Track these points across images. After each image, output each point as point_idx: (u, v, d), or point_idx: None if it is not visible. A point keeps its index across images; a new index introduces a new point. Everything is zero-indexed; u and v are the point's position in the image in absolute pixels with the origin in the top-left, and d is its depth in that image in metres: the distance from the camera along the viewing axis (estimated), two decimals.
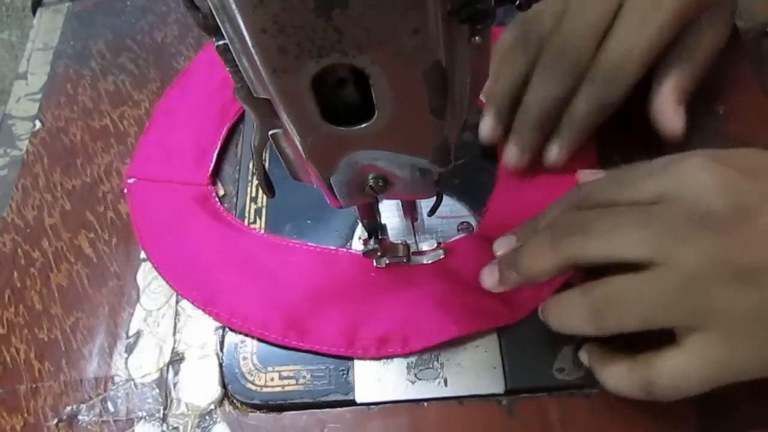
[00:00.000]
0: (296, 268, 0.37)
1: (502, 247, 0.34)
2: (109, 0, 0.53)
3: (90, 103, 0.47)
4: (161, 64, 0.48)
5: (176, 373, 0.35)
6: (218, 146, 0.43)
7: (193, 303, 0.37)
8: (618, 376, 0.29)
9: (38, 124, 0.47)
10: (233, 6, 0.17)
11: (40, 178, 0.44)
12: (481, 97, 0.38)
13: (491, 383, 0.33)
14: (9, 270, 0.40)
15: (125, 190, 0.42)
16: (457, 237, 0.38)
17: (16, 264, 0.41)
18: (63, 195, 0.43)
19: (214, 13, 0.19)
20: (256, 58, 0.18)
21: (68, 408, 0.35)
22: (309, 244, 0.38)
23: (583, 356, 0.32)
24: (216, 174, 0.42)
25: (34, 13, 0.54)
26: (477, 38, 0.21)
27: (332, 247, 0.38)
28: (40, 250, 0.41)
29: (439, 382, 0.33)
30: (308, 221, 0.39)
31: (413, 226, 0.36)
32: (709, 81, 0.42)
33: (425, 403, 0.33)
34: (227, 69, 0.22)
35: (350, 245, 0.38)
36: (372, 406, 0.33)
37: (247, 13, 0.17)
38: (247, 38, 0.18)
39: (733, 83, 0.42)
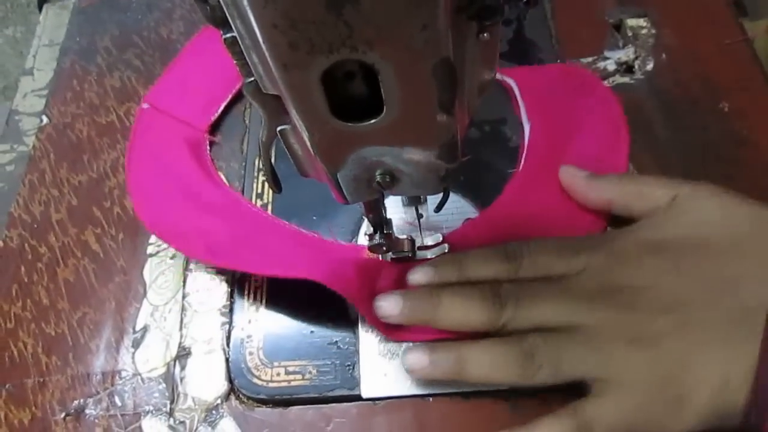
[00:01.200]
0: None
1: (419, 278, 0.33)
2: None
3: (96, 99, 0.48)
4: (167, 60, 0.48)
5: (183, 368, 0.36)
6: (228, 100, 0.45)
7: (157, 236, 0.39)
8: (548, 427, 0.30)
9: (45, 119, 0.47)
10: (244, 1, 0.17)
11: (46, 173, 0.44)
12: None
13: None
14: (16, 265, 0.41)
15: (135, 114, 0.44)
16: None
17: (23, 259, 0.41)
18: (69, 190, 0.43)
19: (225, 8, 0.19)
20: (266, 53, 0.19)
21: (75, 402, 0.35)
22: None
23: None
24: (217, 127, 0.44)
25: (40, 9, 0.54)
26: (485, 35, 0.21)
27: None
28: (47, 245, 0.41)
29: None
30: (314, 217, 0.39)
31: (419, 221, 0.36)
32: (713, 79, 0.43)
33: (431, 399, 0.33)
34: (235, 62, 0.22)
35: (356, 240, 0.38)
36: (378, 401, 0.33)
37: (259, 9, 0.17)
38: (258, 34, 0.18)
39: (738, 81, 0.42)
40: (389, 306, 0.32)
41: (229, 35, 0.20)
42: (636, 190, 0.35)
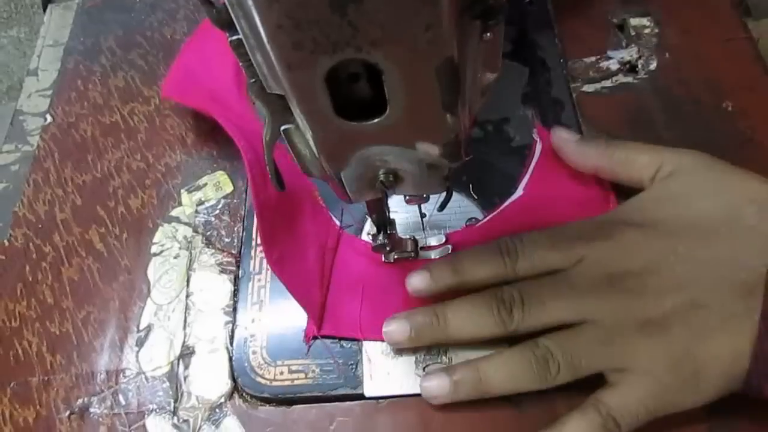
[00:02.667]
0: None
1: (417, 283, 0.33)
2: None
3: (100, 99, 0.48)
4: (171, 60, 0.48)
5: (186, 367, 0.36)
6: None
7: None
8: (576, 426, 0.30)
9: (49, 119, 0.47)
10: (249, 1, 0.17)
11: (51, 173, 0.45)
12: None
13: None
14: (21, 264, 0.41)
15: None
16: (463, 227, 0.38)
17: (27, 258, 0.41)
18: (74, 190, 0.44)
19: (229, 8, 0.19)
20: (270, 53, 0.19)
21: (80, 400, 0.36)
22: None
23: None
24: None
25: (44, 9, 0.55)
26: (488, 34, 0.21)
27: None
28: (51, 244, 0.41)
29: None
30: None
31: (422, 221, 0.36)
32: (717, 78, 0.43)
33: None
34: (241, 63, 0.22)
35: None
36: (380, 400, 0.34)
37: (263, 9, 0.17)
38: (263, 34, 0.18)
39: (742, 80, 0.42)
40: (397, 331, 0.33)
41: (234, 37, 0.21)
42: (622, 157, 0.35)
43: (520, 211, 0.38)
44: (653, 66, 0.44)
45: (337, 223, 0.39)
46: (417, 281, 0.33)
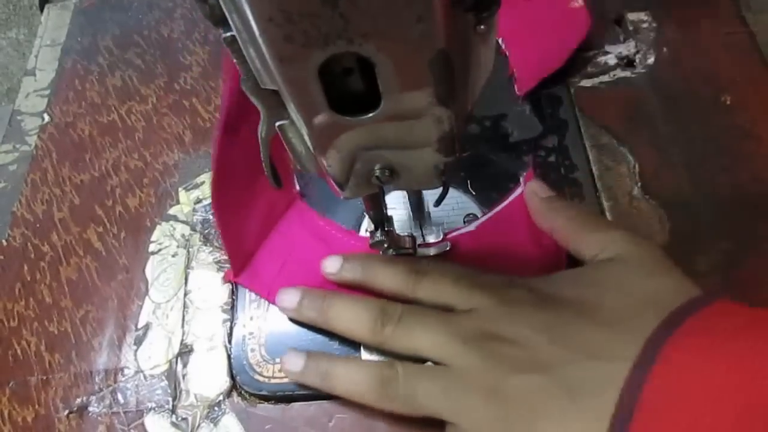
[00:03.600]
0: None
1: (328, 266, 0.35)
2: None
3: (98, 98, 0.48)
4: (168, 59, 0.49)
5: (185, 365, 0.36)
6: None
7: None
8: None
9: (47, 119, 0.47)
10: None
11: (48, 172, 0.45)
12: None
13: None
14: (19, 263, 0.41)
15: None
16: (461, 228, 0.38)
17: (26, 258, 0.41)
18: (72, 189, 0.44)
19: (222, 4, 0.19)
20: (263, 47, 0.19)
21: (78, 399, 0.36)
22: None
23: None
24: None
25: (41, 9, 0.55)
26: (481, 26, 0.21)
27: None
28: (49, 243, 0.41)
29: None
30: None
31: (419, 218, 0.36)
32: (715, 72, 0.42)
33: None
34: (234, 60, 0.22)
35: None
36: None
37: (254, 2, 0.17)
38: (254, 27, 0.18)
39: (740, 74, 0.42)
40: (287, 300, 0.35)
41: (228, 34, 0.21)
42: (576, 229, 0.34)
43: (473, 238, 0.37)
44: (651, 60, 0.44)
45: (297, 187, 0.40)
46: (329, 264, 0.36)
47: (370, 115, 0.21)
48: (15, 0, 1.24)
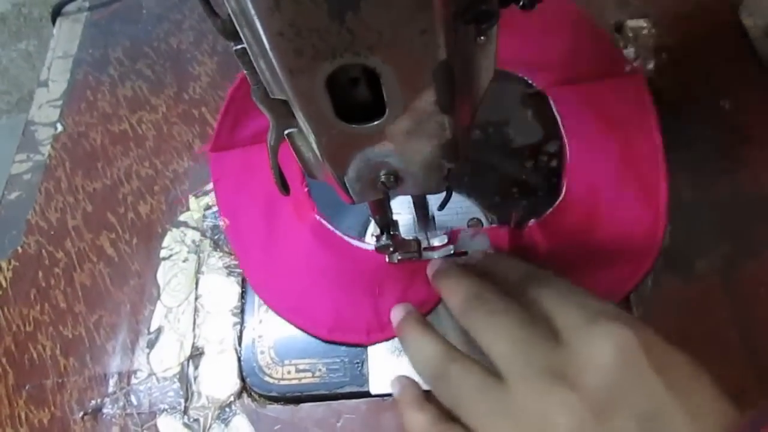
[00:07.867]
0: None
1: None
2: (126, 8, 0.54)
3: (109, 108, 0.49)
4: (177, 70, 0.50)
5: (196, 367, 0.37)
6: None
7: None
8: None
9: (59, 129, 0.48)
10: (251, 11, 0.18)
11: (62, 181, 0.46)
12: None
13: None
14: (34, 270, 0.42)
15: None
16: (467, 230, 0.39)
17: (40, 264, 0.42)
18: (85, 197, 0.45)
19: (233, 18, 0.20)
20: (273, 60, 0.19)
21: (93, 402, 0.36)
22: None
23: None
24: None
25: (53, 22, 0.56)
26: (482, 38, 0.22)
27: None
28: (63, 250, 0.42)
29: None
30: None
31: (424, 222, 0.37)
32: (714, 76, 0.43)
33: None
34: (244, 71, 0.23)
35: (363, 241, 0.39)
36: (387, 398, 0.34)
37: (265, 17, 0.18)
38: (265, 41, 0.19)
39: (739, 79, 0.43)
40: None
41: (239, 47, 0.21)
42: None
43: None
44: (651, 66, 0.45)
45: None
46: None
47: (376, 123, 0.22)
48: (25, 12, 1.26)
